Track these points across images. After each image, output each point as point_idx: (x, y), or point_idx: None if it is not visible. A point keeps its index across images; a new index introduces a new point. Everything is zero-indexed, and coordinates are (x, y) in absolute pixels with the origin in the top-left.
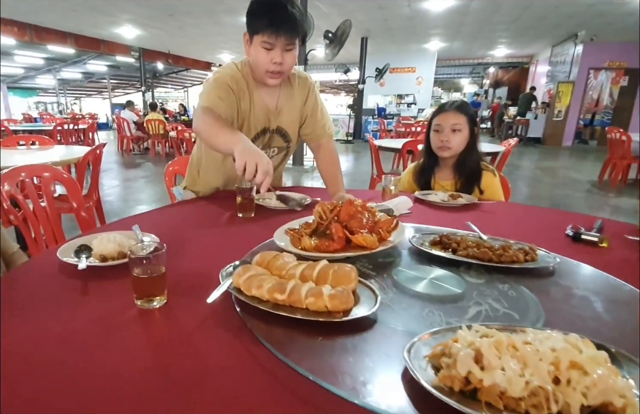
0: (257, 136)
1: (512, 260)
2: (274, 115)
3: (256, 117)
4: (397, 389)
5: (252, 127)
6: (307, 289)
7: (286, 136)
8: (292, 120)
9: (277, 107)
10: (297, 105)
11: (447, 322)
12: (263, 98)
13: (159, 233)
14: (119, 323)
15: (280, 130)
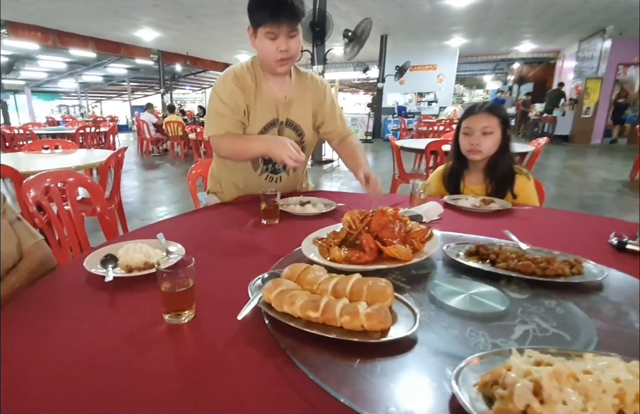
0: (267, 127)
1: (557, 273)
2: (282, 106)
3: (264, 107)
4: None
5: (260, 117)
6: (341, 306)
7: (298, 129)
8: (303, 114)
9: (286, 99)
10: (310, 100)
11: (492, 344)
12: (272, 89)
13: (183, 241)
14: (148, 341)
15: (291, 123)
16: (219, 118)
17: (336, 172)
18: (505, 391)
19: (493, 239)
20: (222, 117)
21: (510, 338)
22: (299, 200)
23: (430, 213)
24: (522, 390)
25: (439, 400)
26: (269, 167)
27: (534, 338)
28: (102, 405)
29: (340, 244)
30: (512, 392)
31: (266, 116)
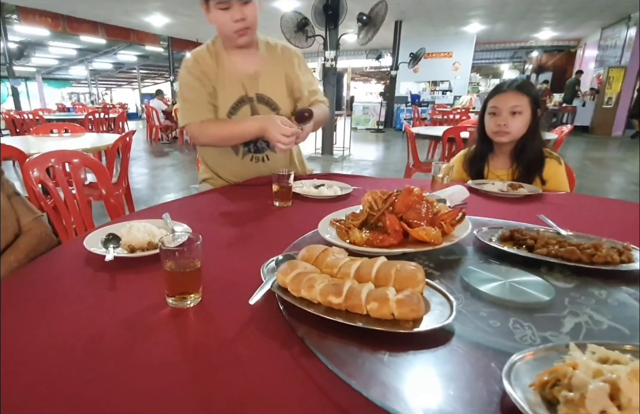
0: (236, 106)
1: (606, 261)
2: (250, 81)
3: (227, 85)
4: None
5: (226, 96)
6: (367, 291)
7: (271, 104)
8: (276, 86)
9: (254, 73)
10: (282, 72)
11: (541, 337)
12: (235, 64)
13: (190, 223)
14: (149, 325)
15: (263, 97)
16: (189, 105)
17: (347, 162)
18: (573, 393)
19: (528, 224)
20: (192, 104)
21: (561, 331)
22: (312, 182)
23: (455, 198)
24: (596, 393)
25: (486, 402)
26: (250, 147)
27: (588, 332)
28: (98, 392)
29: (361, 227)
30: (584, 395)
31: (232, 94)
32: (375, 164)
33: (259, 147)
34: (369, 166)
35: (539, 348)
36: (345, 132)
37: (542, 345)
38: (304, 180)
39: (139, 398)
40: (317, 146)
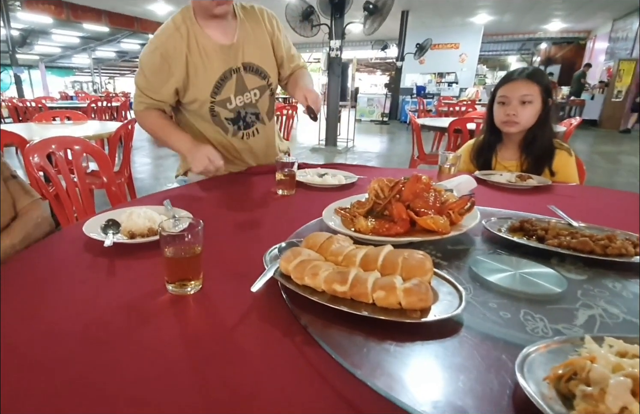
0: (221, 82)
1: (620, 253)
2: (232, 52)
3: (209, 64)
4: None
5: (207, 75)
6: (373, 279)
7: (260, 71)
8: (262, 52)
9: (237, 42)
10: (264, 33)
11: (553, 329)
12: (212, 38)
13: (191, 210)
14: (148, 312)
15: (250, 66)
16: (139, 94)
17: (351, 153)
18: (592, 388)
19: (538, 215)
20: (141, 95)
21: (574, 324)
22: (316, 171)
23: (462, 188)
24: (618, 388)
25: (498, 394)
26: (239, 125)
27: (603, 325)
28: (96, 378)
29: (366, 215)
30: (604, 390)
31: (213, 72)
32: (380, 156)
33: (248, 123)
34: (373, 157)
35: (553, 340)
36: (349, 124)
37: (556, 337)
38: (308, 169)
39: (138, 385)
40: (321, 137)
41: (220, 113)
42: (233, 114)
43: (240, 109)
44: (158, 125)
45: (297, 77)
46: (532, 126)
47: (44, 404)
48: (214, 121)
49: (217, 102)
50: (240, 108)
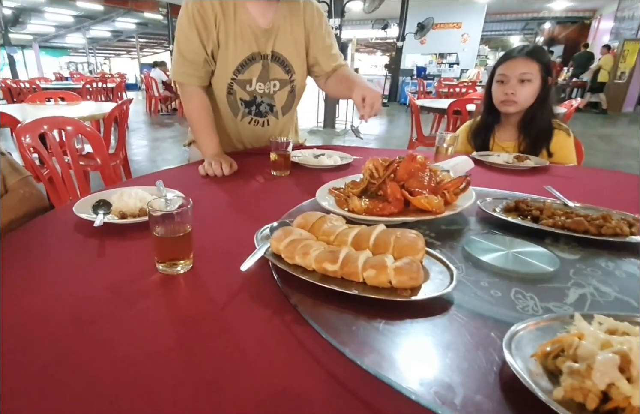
0: (245, 64)
1: (615, 232)
2: (265, 37)
3: (240, 40)
4: (494, 399)
5: (235, 52)
6: (364, 258)
7: (286, 65)
8: (293, 46)
9: (271, 27)
10: (301, 29)
11: (544, 307)
12: (251, 16)
13: (184, 190)
14: (137, 291)
15: (278, 57)
16: (185, 65)
17: (349, 135)
18: (579, 365)
19: (534, 195)
20: (187, 65)
21: (565, 302)
22: (312, 152)
23: (459, 169)
24: (605, 364)
25: (484, 372)
26: (252, 109)
27: (594, 303)
28: (84, 357)
29: (360, 195)
30: (590, 366)
31: (244, 50)
32: (378, 138)
33: (261, 111)
34: (372, 140)
35: (542, 318)
36: (348, 106)
37: (546, 315)
38: (304, 149)
39: (126, 364)
40: (319, 119)
41: (237, 92)
42: (249, 97)
43: (257, 95)
44: (197, 112)
45: (345, 76)
46: (530, 105)
47: (31, 382)
48: (228, 101)
49: (238, 80)
50: (258, 94)
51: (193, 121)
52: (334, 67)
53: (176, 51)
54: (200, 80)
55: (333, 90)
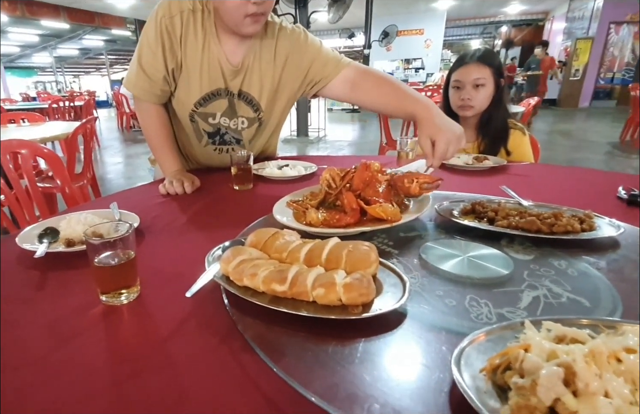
0: (209, 97)
1: (566, 230)
2: (233, 75)
3: (206, 73)
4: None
5: (202, 85)
6: (314, 277)
7: (253, 103)
8: (265, 84)
9: (242, 66)
10: (270, 64)
11: (497, 314)
12: (223, 53)
13: (141, 211)
14: (77, 327)
15: (246, 95)
16: (143, 79)
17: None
18: (524, 380)
19: (490, 196)
20: (146, 81)
21: (518, 307)
22: (276, 163)
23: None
24: (549, 379)
25: (435, 391)
26: (215, 140)
27: (547, 306)
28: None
29: (318, 206)
30: (535, 382)
31: (209, 83)
32: (352, 144)
33: (225, 140)
34: (345, 146)
35: (492, 327)
36: (320, 114)
37: (496, 325)
38: (268, 161)
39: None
40: (292, 128)
41: (199, 123)
42: (213, 129)
43: (221, 127)
44: (155, 128)
45: (383, 79)
46: (486, 107)
47: None
48: (192, 125)
49: (199, 113)
50: (222, 126)
51: (151, 138)
52: (342, 72)
53: (136, 61)
54: (157, 98)
55: (372, 99)
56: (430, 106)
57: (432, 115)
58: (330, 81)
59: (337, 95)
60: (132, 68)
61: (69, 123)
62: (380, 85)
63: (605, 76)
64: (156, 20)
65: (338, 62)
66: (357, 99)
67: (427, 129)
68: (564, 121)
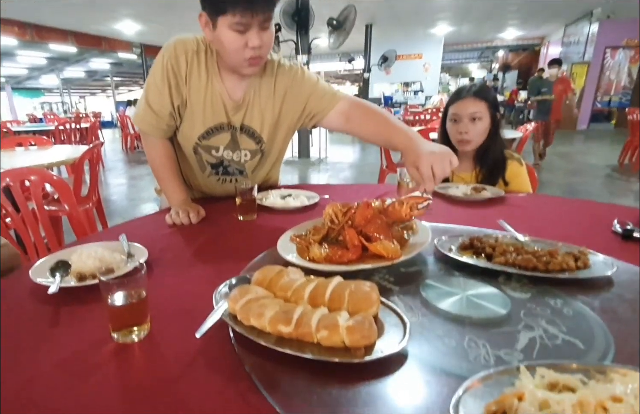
0: (212, 131)
1: (561, 268)
2: (235, 110)
3: (210, 109)
4: None
5: (205, 120)
6: (318, 318)
7: (255, 136)
8: (265, 117)
9: (243, 101)
10: (269, 99)
11: (495, 356)
12: (224, 87)
13: (149, 243)
14: (90, 366)
15: (248, 129)
16: (150, 115)
17: (324, 165)
18: None
19: (487, 230)
20: (153, 117)
21: (515, 348)
22: (279, 193)
23: None
24: None
25: None
26: (218, 170)
27: (542, 347)
28: None
29: (322, 241)
30: None
31: (212, 118)
32: (352, 167)
33: (228, 171)
34: (346, 168)
35: (489, 373)
36: (321, 136)
37: (492, 370)
38: (271, 191)
39: None
40: (294, 151)
41: (203, 155)
42: (216, 160)
43: (224, 160)
44: (161, 161)
45: (366, 109)
46: (483, 140)
47: None
48: (195, 157)
49: (203, 145)
50: (225, 159)
51: (157, 169)
52: (337, 106)
53: (144, 100)
54: (163, 132)
55: (364, 131)
56: (413, 136)
57: (413, 143)
58: (327, 114)
59: (334, 126)
60: (140, 105)
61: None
62: (369, 118)
63: (603, 99)
64: (163, 61)
65: (333, 96)
66: (351, 131)
67: (409, 157)
68: (563, 144)
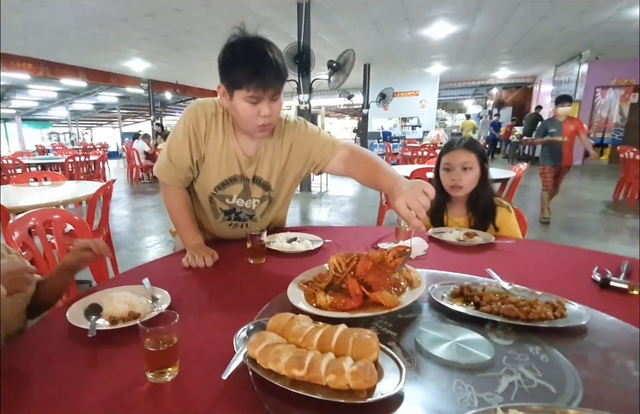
0: (227, 182)
1: (540, 317)
2: (247, 163)
3: (225, 163)
4: None
5: (221, 172)
6: (326, 363)
7: (265, 185)
8: (274, 168)
9: (255, 156)
10: (277, 152)
11: (478, 398)
12: (238, 145)
13: (168, 285)
14: (129, 403)
15: (259, 180)
16: (170, 168)
17: (325, 198)
18: None
19: (477, 277)
20: (173, 169)
21: (497, 392)
22: (285, 236)
23: (416, 249)
24: None
25: None
26: (231, 216)
27: (520, 391)
28: None
29: (327, 288)
30: None
31: (227, 171)
32: (353, 200)
33: (240, 217)
34: (346, 201)
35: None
36: None
37: (475, 410)
38: (278, 234)
39: None
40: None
41: (217, 203)
42: (229, 207)
43: (237, 207)
44: (178, 208)
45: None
46: (474, 188)
47: None
48: (210, 205)
49: (218, 195)
50: (238, 207)
51: (174, 215)
52: (337, 154)
53: (166, 153)
54: (181, 183)
55: (359, 176)
56: (396, 180)
57: (396, 187)
58: (329, 162)
59: (335, 172)
60: (162, 159)
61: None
62: (362, 163)
63: (596, 136)
64: (185, 122)
65: (333, 146)
66: (349, 175)
67: (391, 200)
68: None
